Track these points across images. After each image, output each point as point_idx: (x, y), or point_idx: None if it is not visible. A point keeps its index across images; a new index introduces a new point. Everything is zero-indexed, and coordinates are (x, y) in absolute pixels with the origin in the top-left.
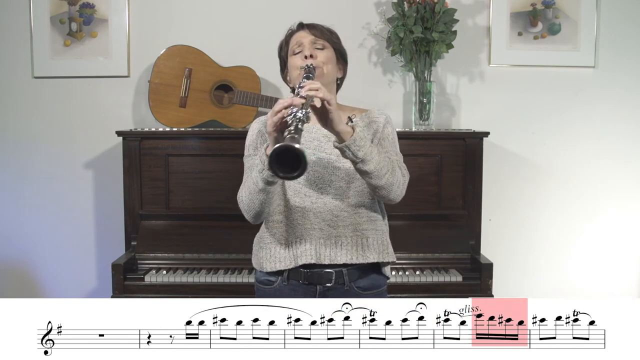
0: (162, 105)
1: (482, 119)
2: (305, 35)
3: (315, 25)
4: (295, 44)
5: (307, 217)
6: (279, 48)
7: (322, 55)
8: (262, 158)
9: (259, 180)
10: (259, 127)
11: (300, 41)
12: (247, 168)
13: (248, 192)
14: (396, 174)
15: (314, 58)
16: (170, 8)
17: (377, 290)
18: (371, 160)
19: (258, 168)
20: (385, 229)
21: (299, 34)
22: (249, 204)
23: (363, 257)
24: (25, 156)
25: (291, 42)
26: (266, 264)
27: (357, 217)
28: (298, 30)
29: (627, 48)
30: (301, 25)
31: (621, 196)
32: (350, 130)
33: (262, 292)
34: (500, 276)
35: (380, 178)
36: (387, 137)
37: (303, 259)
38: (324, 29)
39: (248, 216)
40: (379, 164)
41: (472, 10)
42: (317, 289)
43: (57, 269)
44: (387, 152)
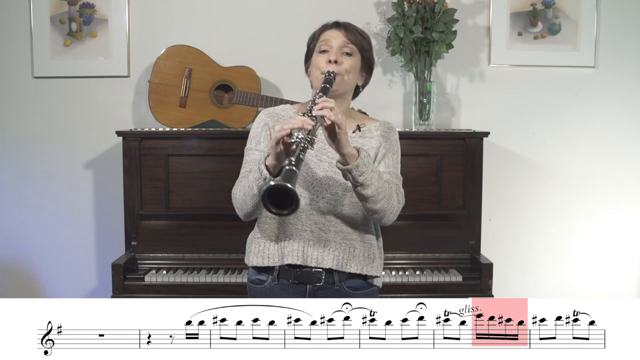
0: (162, 105)
1: (482, 119)
2: (337, 36)
3: (350, 27)
4: (324, 42)
5: (299, 217)
6: (310, 38)
7: (347, 62)
8: (261, 166)
9: (254, 186)
10: (265, 120)
11: (331, 41)
12: (245, 161)
13: (242, 193)
14: (392, 201)
15: (338, 64)
16: (170, 8)
17: (367, 291)
18: (370, 185)
19: (255, 175)
20: (375, 243)
21: (331, 32)
22: (241, 204)
23: (347, 265)
24: (25, 156)
25: (321, 37)
26: (255, 258)
27: (348, 226)
28: (332, 27)
29: (627, 48)
30: (337, 24)
31: (621, 196)
32: (355, 154)
33: (254, 292)
34: (500, 276)
35: (375, 203)
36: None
37: (290, 258)
38: (358, 33)
39: (240, 214)
40: (377, 190)
41: (472, 10)
42: (307, 288)
43: (57, 269)
44: (389, 172)
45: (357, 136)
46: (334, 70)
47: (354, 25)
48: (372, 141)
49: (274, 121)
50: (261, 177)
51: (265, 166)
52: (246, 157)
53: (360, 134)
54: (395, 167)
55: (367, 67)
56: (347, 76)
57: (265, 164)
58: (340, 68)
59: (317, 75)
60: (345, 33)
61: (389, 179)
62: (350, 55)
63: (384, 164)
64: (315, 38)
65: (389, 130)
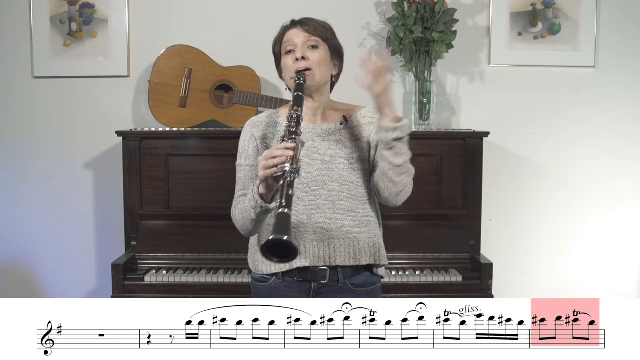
0: (162, 105)
1: (482, 119)
2: (298, 34)
3: (308, 21)
4: (287, 43)
5: (300, 220)
6: (273, 44)
7: (314, 55)
8: (255, 196)
9: (251, 212)
10: (251, 132)
11: (293, 40)
12: (238, 179)
13: (242, 217)
14: (410, 179)
15: (306, 60)
16: (170, 8)
17: (372, 288)
18: (404, 153)
19: (251, 204)
20: (378, 232)
21: (291, 32)
22: (242, 226)
23: (355, 259)
24: (25, 156)
25: (284, 39)
26: (262, 267)
27: (349, 220)
28: (291, 27)
29: (627, 48)
30: (294, 22)
31: (621, 196)
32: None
33: (258, 290)
34: (500, 276)
35: (400, 175)
36: None
37: (298, 262)
38: (318, 25)
39: (242, 233)
40: (405, 161)
41: (472, 10)
42: (311, 286)
43: (57, 269)
44: None
45: (345, 128)
46: (304, 67)
47: (312, 19)
48: (362, 130)
49: (260, 131)
50: (257, 206)
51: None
52: (238, 174)
53: (347, 125)
54: None
55: (337, 55)
56: (318, 70)
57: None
58: (309, 63)
59: (289, 77)
60: (304, 28)
61: None
62: (317, 48)
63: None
64: (278, 42)
65: (375, 114)
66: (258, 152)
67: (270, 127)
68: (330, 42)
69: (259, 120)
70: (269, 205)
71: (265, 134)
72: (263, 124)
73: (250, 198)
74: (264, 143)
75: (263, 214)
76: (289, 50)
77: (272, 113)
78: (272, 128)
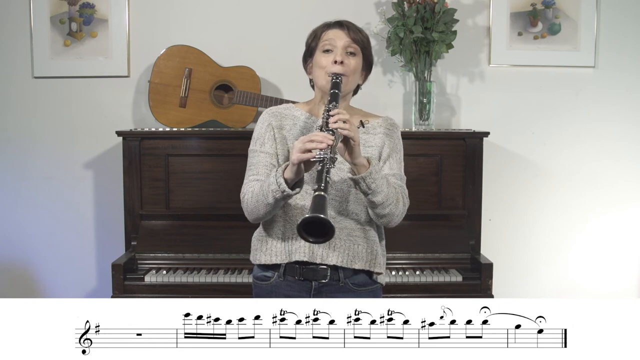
0: (162, 105)
1: (482, 119)
2: (342, 36)
3: (353, 26)
4: (327, 41)
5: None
6: (310, 36)
7: (352, 63)
8: (279, 179)
9: (269, 196)
10: (268, 120)
11: (334, 41)
12: (251, 164)
13: (255, 200)
14: (399, 206)
15: (344, 65)
16: (170, 8)
17: (372, 287)
18: (380, 192)
19: (272, 187)
20: (377, 240)
21: (335, 32)
22: (253, 209)
23: (351, 262)
24: (25, 156)
25: (324, 36)
26: (262, 256)
27: (352, 223)
28: (335, 26)
29: (627, 48)
30: (340, 24)
31: (621, 196)
32: (366, 164)
33: (259, 289)
34: (500, 276)
35: (384, 208)
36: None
37: (297, 255)
38: (361, 33)
39: (249, 218)
40: (386, 196)
41: (472, 10)
42: (312, 284)
43: (57, 269)
44: (394, 175)
45: (361, 132)
46: (340, 72)
47: (355, 25)
48: (376, 138)
49: (278, 121)
50: (279, 190)
51: (284, 179)
52: (251, 159)
53: (364, 130)
54: (400, 167)
55: (367, 67)
56: (352, 77)
57: (283, 177)
58: (346, 69)
59: (321, 75)
60: (348, 33)
61: (394, 182)
62: (355, 55)
63: (389, 165)
64: (317, 37)
65: (392, 127)
66: (274, 140)
67: (288, 120)
68: (366, 52)
69: (277, 110)
70: (291, 191)
71: (282, 124)
72: (281, 115)
73: (272, 182)
74: (280, 133)
75: (283, 199)
76: (327, 49)
77: (290, 106)
78: (289, 120)
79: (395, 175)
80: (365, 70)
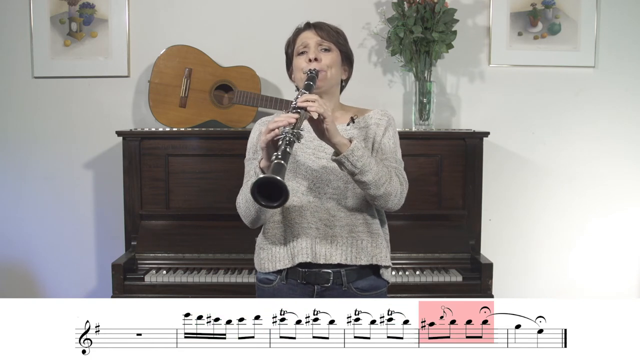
0: (162, 105)
1: (482, 119)
2: (312, 36)
3: (322, 25)
4: (301, 44)
5: (304, 215)
6: (286, 45)
7: (327, 58)
8: (257, 170)
9: None
10: (260, 129)
11: (306, 42)
12: (246, 172)
13: (244, 200)
14: (393, 184)
15: (318, 61)
16: (170, 8)
17: (376, 292)
18: (369, 170)
19: (252, 180)
20: (382, 233)
21: (305, 34)
22: (245, 211)
23: (356, 258)
24: (25, 156)
25: (297, 41)
26: (267, 264)
27: (353, 219)
28: (305, 29)
29: (627, 48)
30: (308, 25)
31: (621, 196)
32: (347, 142)
33: (262, 291)
34: (500, 276)
35: (378, 188)
36: (387, 141)
37: (300, 257)
38: (331, 30)
39: (245, 222)
40: (377, 174)
41: (472, 10)
42: (314, 288)
43: (57, 269)
44: (386, 158)
45: (352, 128)
46: (316, 68)
47: (326, 23)
48: (368, 131)
49: None
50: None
51: (260, 168)
52: (246, 167)
53: (354, 126)
54: (393, 151)
55: (347, 61)
56: (330, 71)
57: (259, 167)
58: (322, 64)
59: (300, 76)
60: (318, 32)
61: (387, 163)
62: (329, 51)
63: (381, 150)
64: (291, 43)
65: (382, 116)
66: None
67: None
68: (341, 47)
69: (268, 119)
70: None
71: None
72: None
73: (252, 174)
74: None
75: None
76: (301, 52)
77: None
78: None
79: (388, 159)
80: (346, 66)
